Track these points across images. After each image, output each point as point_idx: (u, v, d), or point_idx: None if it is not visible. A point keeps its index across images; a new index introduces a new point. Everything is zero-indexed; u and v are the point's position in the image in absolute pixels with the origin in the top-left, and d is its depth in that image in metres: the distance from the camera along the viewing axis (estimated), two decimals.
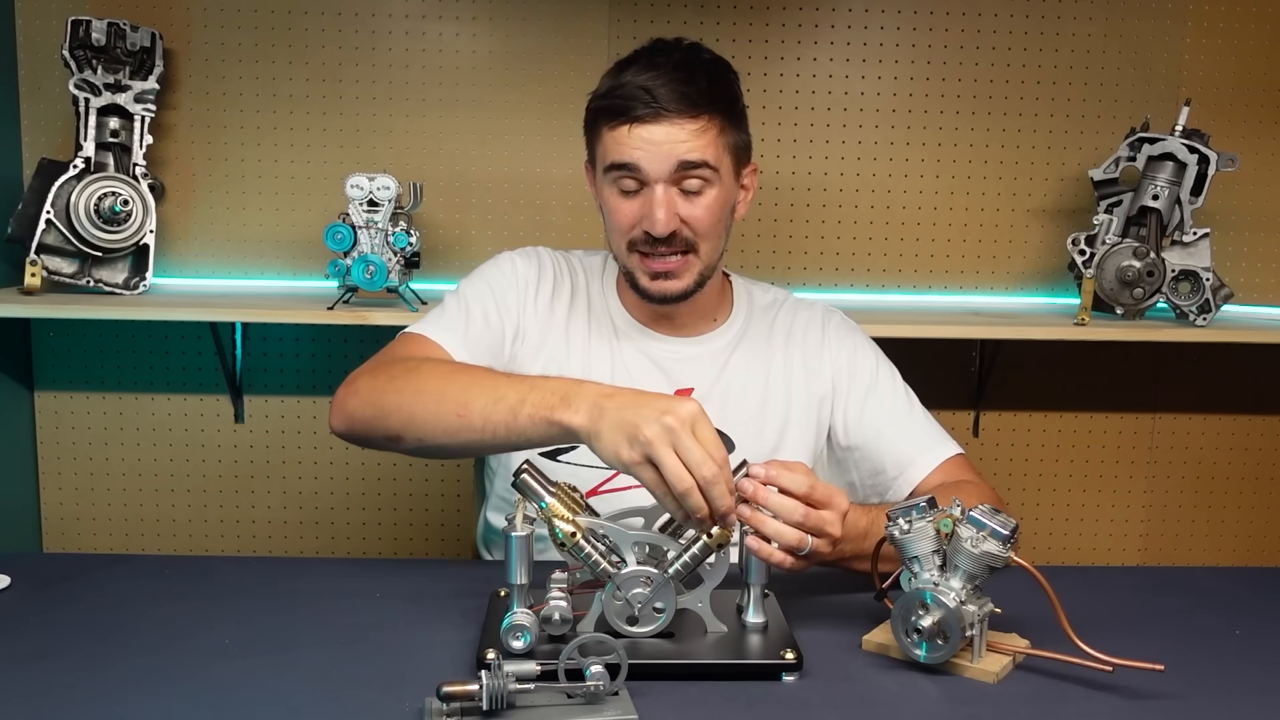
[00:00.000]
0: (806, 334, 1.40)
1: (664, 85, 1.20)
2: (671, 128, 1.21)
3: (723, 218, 1.28)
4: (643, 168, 1.22)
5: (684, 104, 1.21)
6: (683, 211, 1.24)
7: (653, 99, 1.20)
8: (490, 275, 1.37)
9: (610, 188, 1.27)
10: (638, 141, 1.21)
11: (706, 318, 1.38)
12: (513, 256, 1.39)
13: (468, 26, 2.06)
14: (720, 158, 1.24)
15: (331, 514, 2.18)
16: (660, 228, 1.22)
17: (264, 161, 2.07)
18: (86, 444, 2.14)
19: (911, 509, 0.97)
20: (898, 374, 1.40)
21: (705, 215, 1.25)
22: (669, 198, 1.23)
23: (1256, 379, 2.21)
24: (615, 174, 1.25)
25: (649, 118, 1.21)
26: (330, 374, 2.14)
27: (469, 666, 0.94)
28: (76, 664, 0.94)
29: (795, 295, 1.47)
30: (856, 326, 1.44)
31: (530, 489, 0.98)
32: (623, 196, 1.26)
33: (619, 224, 1.27)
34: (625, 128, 1.22)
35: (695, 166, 1.22)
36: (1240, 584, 1.24)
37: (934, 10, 2.09)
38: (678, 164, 1.21)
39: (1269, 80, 2.12)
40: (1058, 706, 0.90)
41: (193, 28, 2.03)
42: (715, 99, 1.23)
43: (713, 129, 1.23)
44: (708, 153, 1.22)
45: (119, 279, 1.94)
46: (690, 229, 1.25)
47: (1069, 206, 2.14)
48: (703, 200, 1.24)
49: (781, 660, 0.94)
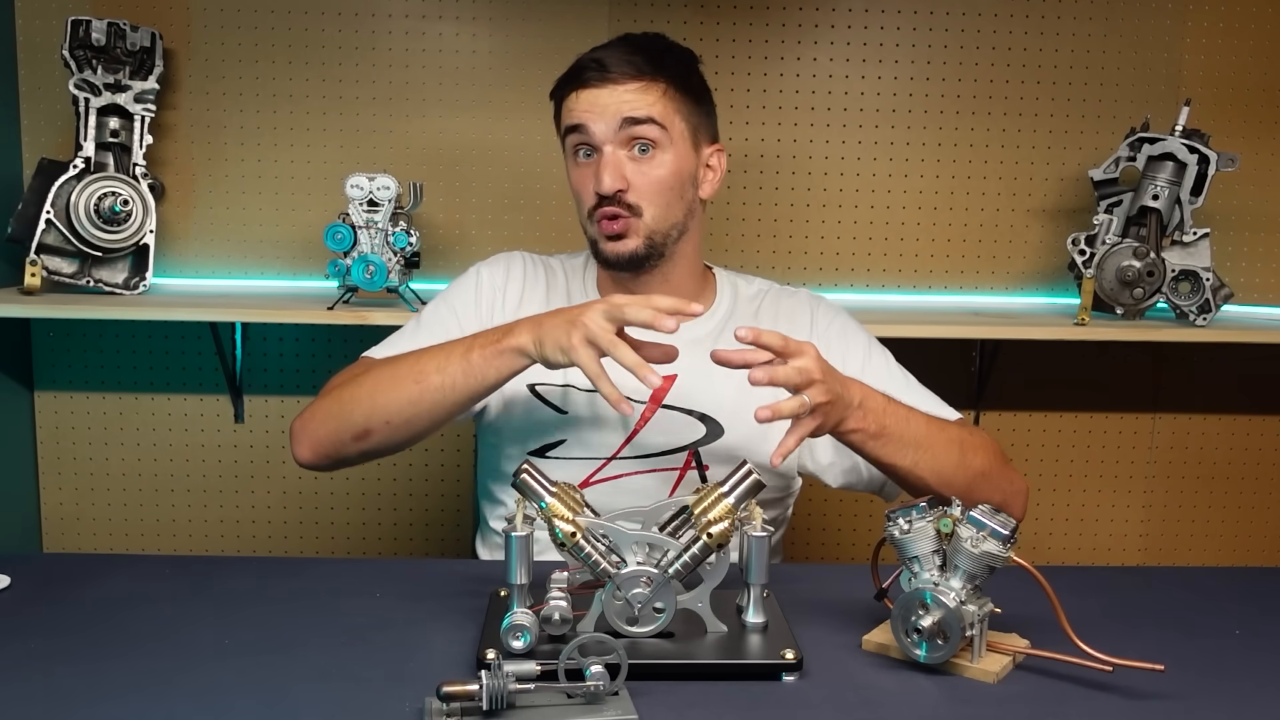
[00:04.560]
0: (794, 320, 1.40)
1: (612, 54, 1.27)
2: (616, 88, 1.26)
3: (675, 185, 1.29)
4: (589, 127, 1.26)
5: (629, 67, 1.26)
6: (630, 174, 1.27)
7: (600, 65, 1.26)
8: (451, 294, 1.40)
9: (571, 160, 1.31)
10: (585, 104, 1.27)
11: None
12: (479, 268, 1.42)
13: (468, 26, 2.06)
14: (668, 117, 1.27)
15: (331, 514, 2.18)
16: (605, 185, 1.26)
17: (264, 161, 2.07)
18: (86, 444, 2.14)
19: (911, 509, 0.97)
20: (890, 355, 1.40)
21: (651, 182, 1.27)
22: (616, 159, 1.26)
23: (1256, 379, 2.21)
24: (571, 140, 1.30)
25: (595, 81, 1.26)
26: (330, 374, 2.13)
27: (469, 666, 0.94)
28: (76, 664, 0.94)
29: (780, 285, 1.47)
30: (843, 310, 1.44)
31: (530, 489, 0.98)
32: (580, 167, 1.30)
33: (578, 192, 1.31)
34: (575, 93, 1.28)
35: (639, 123, 1.25)
36: (1240, 584, 1.24)
37: (934, 10, 2.09)
38: (622, 121, 1.25)
39: (1269, 80, 2.12)
40: (1058, 706, 0.90)
41: (193, 28, 2.03)
42: (663, 65, 1.28)
43: (657, 88, 1.26)
44: (653, 109, 1.25)
45: (119, 279, 1.94)
46: (635, 192, 1.27)
47: (1069, 206, 2.14)
48: (652, 163, 1.27)
49: (781, 660, 0.94)
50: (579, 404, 1.32)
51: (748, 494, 0.99)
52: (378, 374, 1.21)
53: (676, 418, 1.32)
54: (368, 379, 1.21)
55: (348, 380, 1.25)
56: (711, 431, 1.32)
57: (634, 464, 1.31)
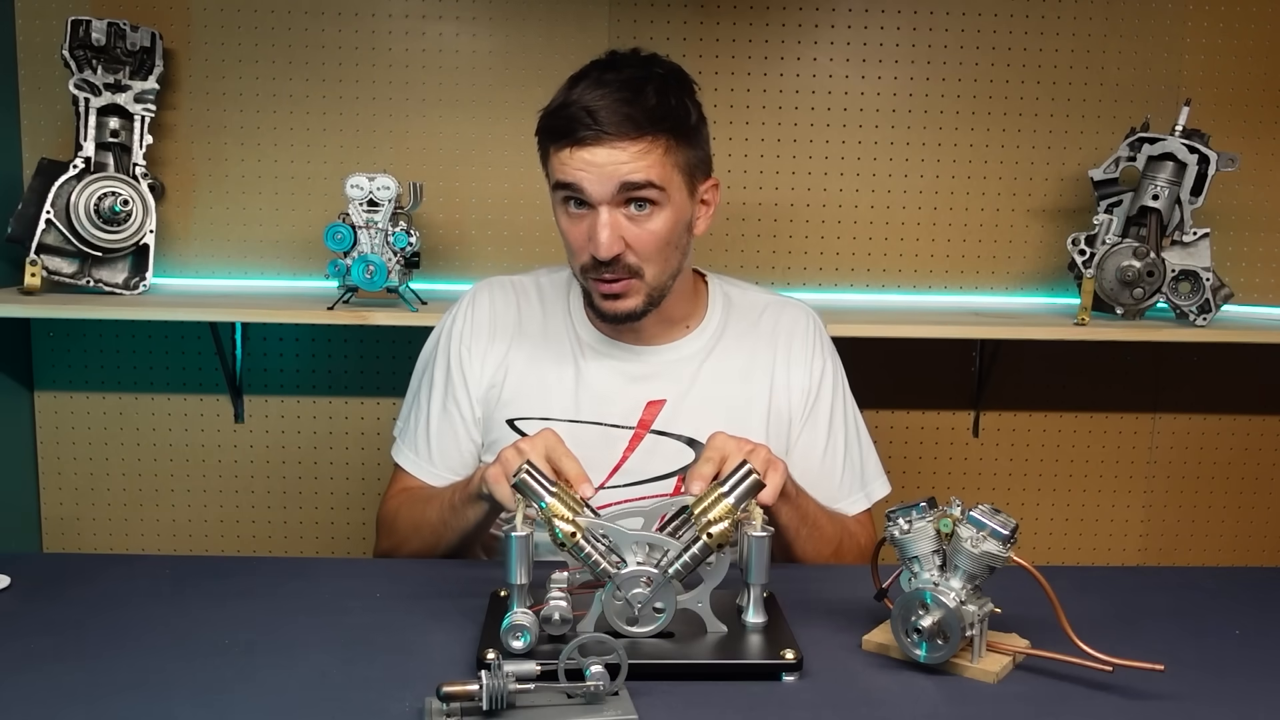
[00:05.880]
0: (794, 333, 1.40)
1: (606, 106, 1.18)
2: (613, 150, 1.18)
3: (672, 239, 1.25)
4: (585, 189, 1.20)
5: (626, 125, 1.18)
6: (628, 234, 1.22)
7: (594, 121, 1.18)
8: (437, 362, 1.40)
9: (560, 208, 1.26)
10: (579, 163, 1.19)
11: (678, 325, 1.37)
12: (453, 322, 1.41)
13: (468, 26, 2.06)
14: (667, 177, 1.21)
15: (331, 514, 2.18)
16: (602, 251, 1.21)
17: (264, 161, 2.07)
18: (86, 444, 2.14)
19: (911, 509, 0.97)
20: (850, 398, 1.43)
21: (651, 239, 1.23)
22: (613, 220, 1.21)
23: (1256, 379, 2.21)
24: (562, 193, 1.24)
25: (590, 140, 1.18)
26: (330, 374, 2.14)
27: (469, 666, 0.94)
28: (76, 664, 0.94)
29: (779, 294, 1.47)
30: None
31: (530, 489, 0.99)
32: (572, 219, 1.24)
33: (571, 246, 1.27)
34: (568, 149, 1.20)
35: (639, 187, 1.20)
36: (1240, 584, 1.24)
37: (934, 10, 2.09)
38: (620, 185, 1.19)
39: (1269, 80, 2.12)
40: (1058, 706, 0.90)
41: (193, 28, 2.03)
42: (661, 118, 1.20)
43: (657, 149, 1.20)
44: (652, 173, 1.20)
45: (119, 279, 1.94)
46: (634, 253, 1.23)
47: (1069, 206, 2.14)
48: (650, 223, 1.22)
49: (781, 660, 0.94)
50: (560, 434, 1.32)
51: (748, 494, 1.00)
52: (405, 524, 1.33)
53: (664, 443, 1.31)
54: (399, 526, 1.34)
55: (389, 519, 1.37)
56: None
57: (623, 492, 1.30)
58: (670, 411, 1.32)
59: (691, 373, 1.35)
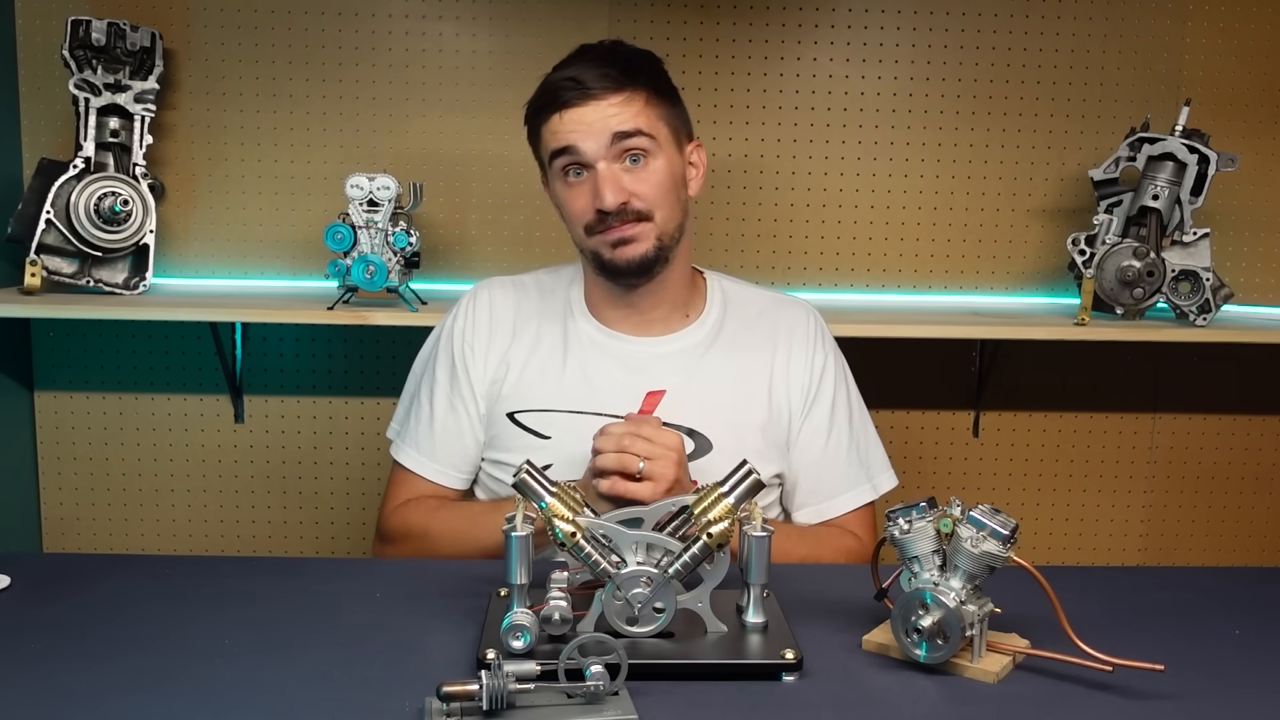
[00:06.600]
0: (794, 333, 1.40)
1: (585, 70, 1.28)
2: (599, 104, 1.26)
3: (672, 187, 1.31)
4: (580, 147, 1.27)
5: (607, 81, 1.27)
6: (629, 185, 1.28)
7: (578, 83, 1.27)
8: (439, 361, 1.41)
9: (559, 181, 1.31)
10: (570, 124, 1.27)
11: (678, 312, 1.39)
12: (454, 321, 1.42)
13: (468, 26, 2.06)
14: (654, 125, 1.29)
15: (331, 514, 2.18)
16: (608, 199, 1.26)
17: (264, 161, 2.07)
18: (86, 444, 2.14)
19: (911, 509, 0.97)
20: (855, 393, 1.43)
21: (651, 186, 1.29)
22: (613, 173, 1.27)
23: (1256, 379, 2.21)
24: (560, 162, 1.29)
25: (576, 100, 1.27)
26: (330, 374, 2.14)
27: (469, 666, 0.94)
28: (76, 664, 0.94)
29: (777, 292, 1.49)
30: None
31: (530, 489, 0.99)
32: (571, 187, 1.30)
33: (574, 212, 1.31)
34: (557, 115, 1.28)
35: (630, 135, 1.27)
36: (1240, 584, 1.24)
37: (934, 10, 2.09)
38: (612, 136, 1.26)
39: (1269, 80, 2.12)
40: (1058, 706, 0.90)
41: (193, 28, 2.03)
42: (638, 72, 1.29)
43: (639, 99, 1.28)
44: (639, 120, 1.27)
45: (119, 279, 1.94)
46: (640, 199, 1.28)
47: (1069, 206, 2.14)
48: (647, 170, 1.28)
49: (781, 660, 0.94)
50: (561, 426, 1.32)
51: (748, 494, 0.99)
52: (439, 535, 1.33)
53: None
54: (433, 533, 1.34)
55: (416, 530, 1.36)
56: (700, 447, 1.31)
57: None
58: (671, 401, 1.32)
59: (692, 364, 1.36)
